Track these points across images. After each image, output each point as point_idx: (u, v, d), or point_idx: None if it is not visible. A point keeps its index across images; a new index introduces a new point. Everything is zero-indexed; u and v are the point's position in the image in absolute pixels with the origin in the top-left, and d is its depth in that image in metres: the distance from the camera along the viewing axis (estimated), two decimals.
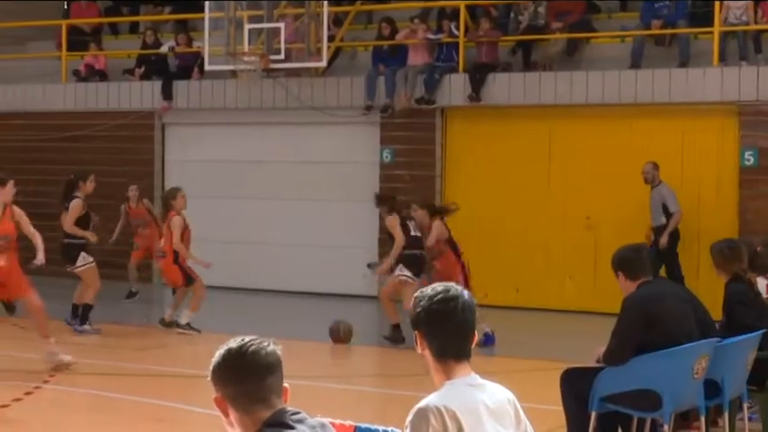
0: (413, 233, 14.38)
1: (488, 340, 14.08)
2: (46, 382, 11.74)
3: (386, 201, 14.90)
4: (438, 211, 14.67)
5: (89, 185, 15.00)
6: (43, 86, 22.45)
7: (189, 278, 15.26)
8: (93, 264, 14.94)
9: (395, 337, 14.35)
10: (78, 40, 23.09)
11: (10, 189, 12.42)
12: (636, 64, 17.99)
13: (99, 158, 20.87)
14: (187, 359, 13.50)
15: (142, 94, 21.44)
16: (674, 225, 16.85)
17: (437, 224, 14.35)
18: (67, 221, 14.88)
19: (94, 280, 14.93)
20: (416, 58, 19.27)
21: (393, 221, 14.40)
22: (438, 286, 4.22)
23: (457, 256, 14.41)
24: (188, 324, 15.01)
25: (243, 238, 20.50)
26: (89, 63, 22.47)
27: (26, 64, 23.93)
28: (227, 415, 3.57)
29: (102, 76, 22.27)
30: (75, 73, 22.45)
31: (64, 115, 22.02)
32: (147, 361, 13.50)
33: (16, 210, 12.37)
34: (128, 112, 21.53)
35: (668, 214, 16.86)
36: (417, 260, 14.38)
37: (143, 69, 21.76)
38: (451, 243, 14.43)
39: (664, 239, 16.67)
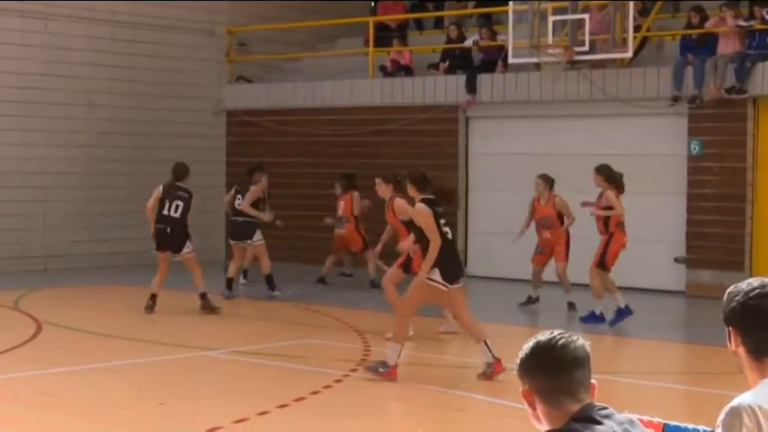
0: None
1: None
2: (353, 370, 12.03)
3: None
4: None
5: (257, 176, 18.28)
6: (351, 82, 23.01)
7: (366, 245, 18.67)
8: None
9: None
10: (384, 37, 23.56)
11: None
12: None
13: (404, 152, 21.24)
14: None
15: (446, 89, 21.65)
16: None
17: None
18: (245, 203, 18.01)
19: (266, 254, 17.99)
20: (726, 47, 18.64)
21: None
22: (754, 281, 4.02)
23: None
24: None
25: None
26: (394, 59, 22.88)
27: (335, 61, 24.62)
28: (533, 408, 3.53)
29: (408, 71, 22.63)
30: (382, 68, 22.90)
31: (370, 110, 22.51)
32: (450, 352, 13.64)
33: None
34: (432, 106, 21.79)
35: None
36: None
37: (447, 64, 21.97)
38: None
39: None
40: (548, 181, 16.73)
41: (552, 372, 3.49)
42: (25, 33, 21.63)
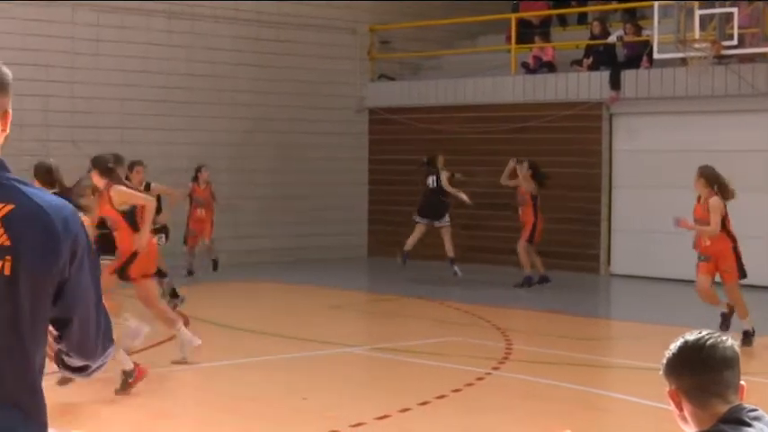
0: None
1: None
2: (495, 368, 11.98)
3: None
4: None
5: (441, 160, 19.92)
6: (492, 79, 22.93)
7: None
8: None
9: None
10: (527, 33, 23.42)
11: None
12: None
13: (547, 149, 21.09)
14: (632, 352, 13.33)
15: (590, 85, 21.42)
16: None
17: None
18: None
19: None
20: None
21: None
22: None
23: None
24: None
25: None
26: (537, 55, 22.72)
27: (477, 58, 24.56)
28: (680, 409, 3.46)
29: (551, 67, 22.45)
30: (524, 65, 22.77)
31: (512, 107, 22.40)
32: (593, 351, 13.50)
33: None
34: (575, 102, 21.58)
35: None
36: None
37: (591, 60, 21.74)
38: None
39: None
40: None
41: (700, 371, 3.42)
42: (172, 34, 22.07)
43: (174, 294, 15.25)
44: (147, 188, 16.43)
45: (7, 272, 3.20)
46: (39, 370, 3.32)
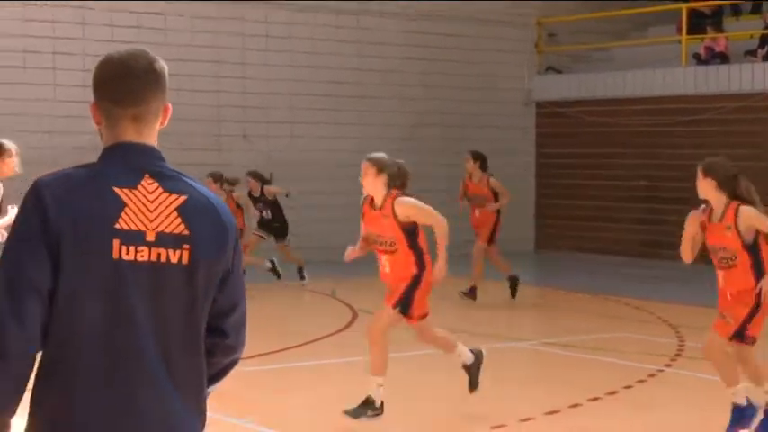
0: None
1: None
2: (668, 365, 11.78)
3: None
4: None
5: None
6: (663, 71, 22.52)
7: None
8: None
9: None
10: (698, 23, 22.93)
11: None
12: None
13: (719, 142, 20.59)
14: None
15: (765, 76, 20.86)
16: None
17: None
18: None
19: None
20: None
21: None
22: None
23: None
24: None
25: None
26: (709, 46, 22.23)
27: (645, 50, 24.15)
28: None
29: (723, 58, 21.94)
30: (696, 56, 22.30)
31: (683, 99, 21.96)
32: None
33: None
34: (749, 94, 21.04)
35: None
36: None
37: (766, 50, 21.17)
38: None
39: None
40: None
41: None
42: (339, 29, 22.29)
43: None
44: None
45: (186, 261, 3.27)
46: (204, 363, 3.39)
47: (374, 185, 9.06)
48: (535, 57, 24.74)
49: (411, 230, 9.05)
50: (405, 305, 9.05)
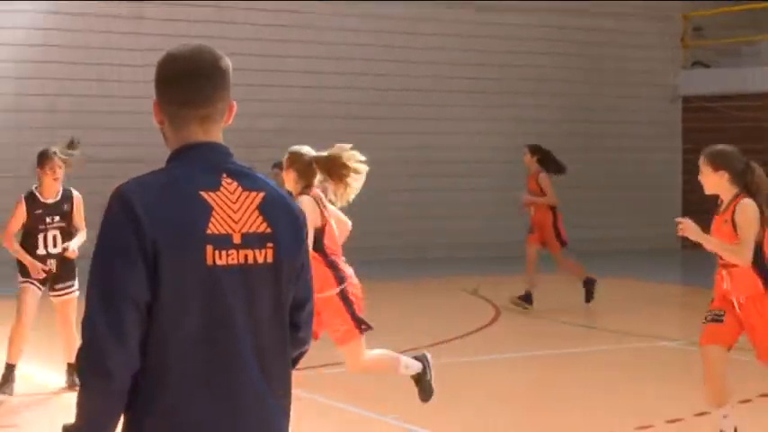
0: None
1: None
2: None
3: None
4: None
5: None
6: None
7: None
8: None
9: None
10: None
11: None
12: None
13: None
14: None
15: None
16: None
17: None
18: None
19: None
20: None
21: None
22: None
23: None
24: None
25: None
26: None
27: None
28: None
29: None
30: None
31: None
32: None
33: None
34: None
35: None
36: None
37: None
38: None
39: None
40: None
41: None
42: (480, 26, 22.21)
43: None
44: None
45: (270, 259, 3.24)
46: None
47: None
48: (681, 51, 24.28)
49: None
50: None
